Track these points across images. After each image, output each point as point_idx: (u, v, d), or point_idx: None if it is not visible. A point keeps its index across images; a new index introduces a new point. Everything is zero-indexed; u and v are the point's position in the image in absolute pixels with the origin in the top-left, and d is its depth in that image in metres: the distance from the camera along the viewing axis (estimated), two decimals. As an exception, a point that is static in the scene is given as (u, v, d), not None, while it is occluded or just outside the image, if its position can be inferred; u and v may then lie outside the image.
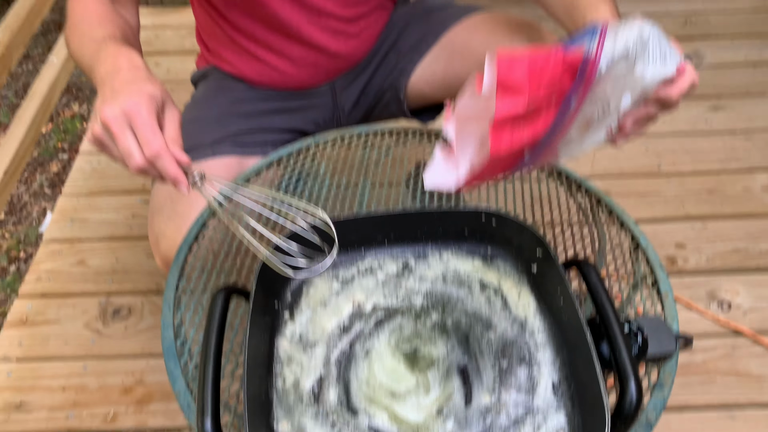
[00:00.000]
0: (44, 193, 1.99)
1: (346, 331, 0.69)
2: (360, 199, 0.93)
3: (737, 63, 1.99)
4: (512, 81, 0.51)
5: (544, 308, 0.69)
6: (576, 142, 0.62)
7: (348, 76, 1.11)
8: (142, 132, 0.65)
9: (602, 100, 0.58)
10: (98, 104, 0.69)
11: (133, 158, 0.65)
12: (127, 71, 0.71)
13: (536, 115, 0.53)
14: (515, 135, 0.53)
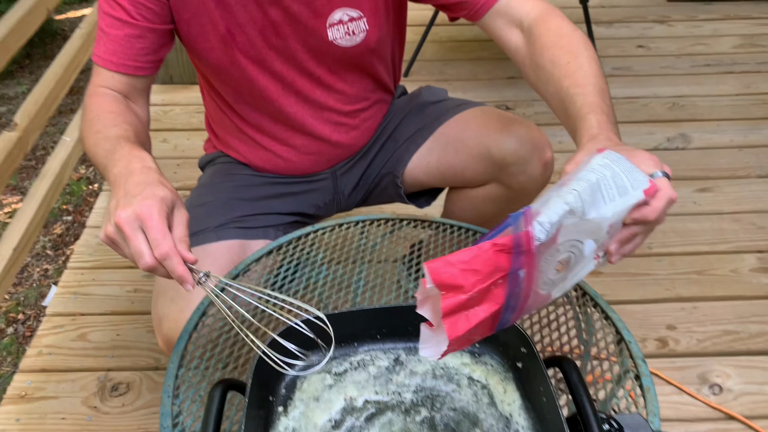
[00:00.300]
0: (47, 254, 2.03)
1: (338, 426, 0.71)
2: (355, 288, 0.97)
3: (723, 145, 2.07)
4: (447, 282, 0.56)
5: (529, 405, 0.72)
6: (563, 279, 0.66)
7: (348, 163, 1.18)
8: (153, 234, 0.69)
9: (572, 244, 0.62)
10: (112, 206, 0.73)
11: (143, 258, 0.69)
12: (139, 173, 0.76)
13: (486, 296, 0.58)
14: (470, 317, 0.58)
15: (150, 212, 0.70)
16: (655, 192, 0.65)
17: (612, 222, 0.63)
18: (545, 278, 0.62)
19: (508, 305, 0.60)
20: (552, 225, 0.58)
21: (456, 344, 0.60)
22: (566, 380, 0.68)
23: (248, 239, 1.06)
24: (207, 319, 0.90)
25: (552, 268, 0.62)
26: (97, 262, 1.69)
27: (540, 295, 0.64)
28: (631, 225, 0.66)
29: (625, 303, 1.54)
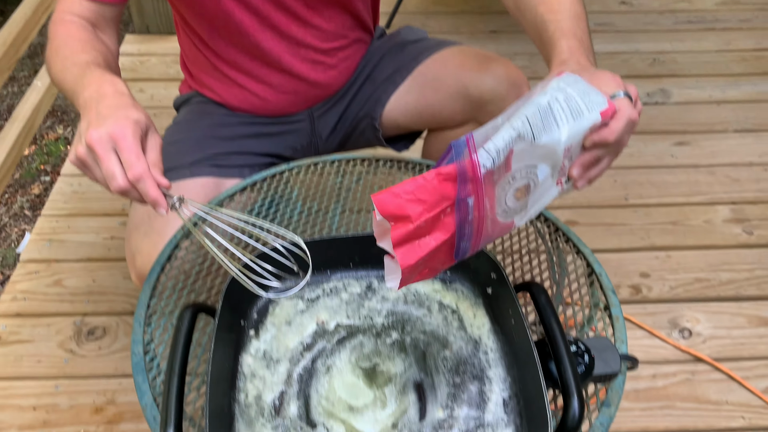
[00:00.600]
0: (24, 215, 2.01)
1: (309, 348, 0.72)
2: (330, 223, 0.97)
3: (702, 101, 2.08)
4: (394, 213, 0.56)
5: (498, 329, 0.73)
6: (524, 207, 0.65)
7: (326, 104, 1.16)
8: (127, 155, 0.68)
9: (528, 171, 0.61)
10: (83, 127, 0.71)
11: (115, 180, 0.68)
12: (111, 97, 0.74)
13: (436, 225, 0.58)
14: (422, 245, 0.58)
15: (124, 133, 0.68)
16: (614, 113, 0.64)
17: (567, 146, 0.62)
18: (504, 206, 0.62)
19: (461, 234, 0.59)
20: (498, 152, 0.56)
21: (413, 273, 0.60)
22: (535, 303, 0.69)
23: (223, 178, 1.05)
24: (180, 251, 0.90)
25: (510, 196, 0.62)
26: (72, 209, 1.67)
27: (501, 223, 0.63)
28: (591, 148, 0.65)
29: (601, 252, 1.56)
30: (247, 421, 0.65)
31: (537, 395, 0.62)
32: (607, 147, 0.65)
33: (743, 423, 1.23)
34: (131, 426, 1.21)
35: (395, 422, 0.65)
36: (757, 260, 1.55)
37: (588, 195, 1.73)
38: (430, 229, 0.57)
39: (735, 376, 1.30)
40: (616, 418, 1.23)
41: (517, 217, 0.65)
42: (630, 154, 1.87)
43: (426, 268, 0.61)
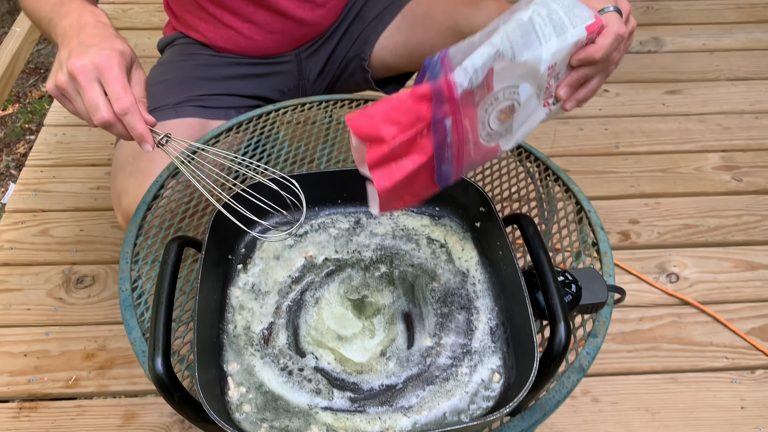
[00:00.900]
0: (10, 173, 1.97)
1: (298, 281, 0.72)
2: (318, 164, 0.96)
3: (695, 49, 2.05)
4: (368, 134, 0.54)
5: (486, 261, 0.73)
6: (509, 130, 0.63)
7: (313, 45, 1.14)
8: (113, 87, 0.66)
9: (511, 91, 0.59)
10: (63, 55, 0.68)
11: (99, 111, 0.66)
12: (93, 27, 0.72)
13: (413, 147, 0.56)
14: (399, 168, 0.56)
15: (110, 63, 0.66)
16: (601, 29, 0.61)
17: (551, 64, 0.59)
18: (488, 129, 0.60)
19: (441, 157, 0.58)
20: (476, 70, 0.54)
21: (393, 198, 0.58)
22: (523, 235, 0.69)
23: (208, 119, 1.04)
24: (166, 191, 0.89)
25: (494, 118, 0.60)
26: (57, 159, 1.65)
27: (485, 147, 0.62)
28: (578, 67, 0.62)
29: (591, 199, 1.55)
30: (236, 350, 0.65)
31: (524, 323, 0.63)
32: (595, 65, 0.63)
33: (726, 363, 1.25)
34: (123, 371, 1.22)
35: (383, 350, 0.65)
36: (746, 206, 1.55)
37: (579, 143, 1.72)
38: (406, 152, 0.56)
39: (720, 319, 1.31)
40: (602, 360, 1.25)
41: (502, 140, 0.63)
42: (621, 102, 1.86)
43: (407, 194, 0.60)
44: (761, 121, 1.80)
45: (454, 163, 0.59)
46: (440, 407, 0.61)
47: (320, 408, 0.61)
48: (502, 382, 0.63)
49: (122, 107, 0.66)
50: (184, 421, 1.14)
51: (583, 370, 0.69)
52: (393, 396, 0.62)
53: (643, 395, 1.20)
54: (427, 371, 0.64)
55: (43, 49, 2.33)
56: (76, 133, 1.73)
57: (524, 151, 0.96)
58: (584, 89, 0.66)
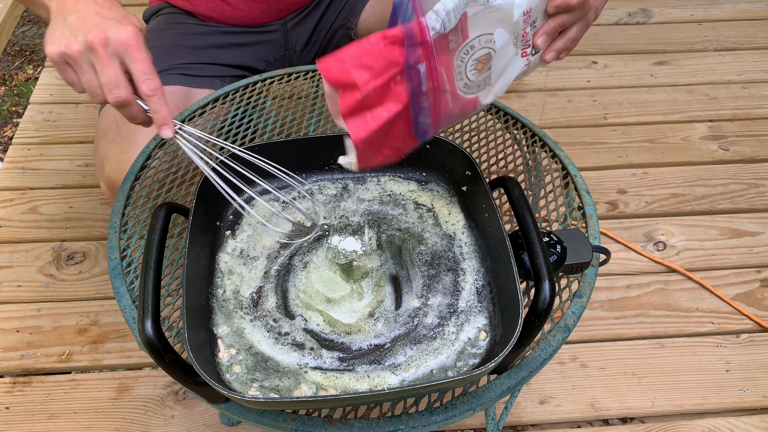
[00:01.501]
0: (0, 157, 1.96)
1: (286, 246, 0.72)
2: (305, 133, 0.96)
3: (683, 20, 2.05)
4: (340, 80, 0.53)
5: (472, 223, 0.74)
6: (488, 82, 0.63)
7: (299, 14, 1.13)
8: (141, 66, 0.62)
9: (487, 39, 0.58)
10: (74, 21, 0.63)
11: (119, 89, 0.62)
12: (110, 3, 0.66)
13: (387, 94, 0.55)
14: (373, 117, 0.55)
15: (138, 41, 0.62)
16: None
17: (525, 9, 0.59)
18: (465, 79, 0.60)
19: (417, 107, 0.57)
20: (448, 12, 0.54)
21: (370, 150, 0.58)
22: (508, 196, 0.69)
23: (192, 87, 1.03)
24: (153, 161, 0.89)
25: (470, 67, 0.60)
26: (44, 137, 1.64)
27: (463, 98, 0.61)
28: (555, 14, 0.62)
29: (579, 170, 1.56)
30: (225, 314, 0.66)
31: (509, 283, 0.64)
32: (573, 12, 0.63)
33: (712, 328, 1.27)
34: (116, 345, 1.23)
35: (372, 312, 0.66)
36: (732, 175, 1.57)
37: (567, 114, 1.73)
38: (380, 100, 0.55)
39: (706, 285, 1.33)
40: (591, 327, 1.27)
41: (481, 93, 0.63)
42: (610, 74, 1.86)
43: (385, 147, 0.59)
44: (748, 90, 1.81)
45: (431, 115, 0.58)
46: (428, 365, 0.62)
47: (310, 367, 0.61)
48: (489, 340, 0.64)
49: (152, 88, 0.63)
50: (178, 393, 1.15)
51: (568, 329, 0.71)
52: (381, 355, 0.63)
53: (631, 360, 1.22)
54: (415, 331, 0.64)
55: (28, 30, 2.30)
56: (62, 110, 1.72)
57: (511, 118, 0.97)
58: (563, 39, 0.65)
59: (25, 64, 2.20)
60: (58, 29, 0.64)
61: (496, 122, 0.97)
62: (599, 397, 1.16)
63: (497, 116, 0.97)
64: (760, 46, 1.96)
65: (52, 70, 1.87)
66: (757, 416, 1.14)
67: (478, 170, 0.73)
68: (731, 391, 1.17)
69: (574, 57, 1.91)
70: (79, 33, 0.62)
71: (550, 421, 1.13)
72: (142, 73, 0.62)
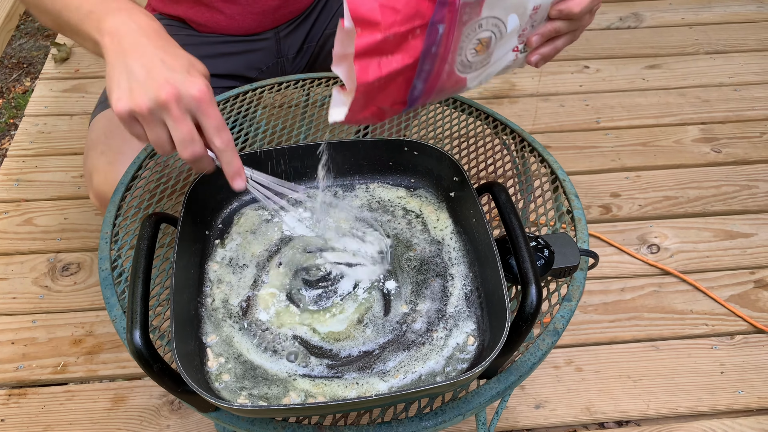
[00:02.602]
0: (-3, 169, 1.96)
1: (275, 255, 0.73)
2: (296, 141, 0.96)
3: (675, 24, 2.07)
4: (364, 15, 0.53)
5: (460, 229, 0.74)
6: (481, 65, 0.65)
7: (292, 23, 1.14)
8: (214, 122, 0.61)
9: (494, 23, 0.61)
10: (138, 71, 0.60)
11: (194, 146, 0.61)
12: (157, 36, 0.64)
13: (402, 45, 0.55)
14: (383, 64, 0.55)
15: (209, 97, 0.60)
16: None
17: (537, 4, 0.62)
18: (463, 57, 0.61)
19: (421, 67, 0.57)
20: None
21: (365, 101, 0.57)
22: (495, 201, 0.70)
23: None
24: (144, 171, 0.89)
25: (471, 47, 0.61)
26: (39, 149, 1.65)
27: (456, 76, 0.62)
28: (555, 19, 0.65)
29: (572, 174, 1.58)
30: (214, 323, 0.66)
31: (497, 288, 0.64)
32: (570, 21, 0.66)
33: (707, 330, 1.27)
34: (111, 355, 1.23)
35: (360, 318, 0.66)
36: (725, 177, 1.58)
37: (560, 119, 1.74)
38: (395, 48, 0.55)
39: (700, 287, 1.34)
40: (585, 330, 1.27)
41: (470, 75, 0.64)
42: (602, 78, 1.87)
43: (376, 102, 0.58)
44: (740, 93, 1.82)
45: (428, 81, 0.58)
46: (416, 371, 0.62)
47: (298, 375, 0.62)
48: (477, 345, 0.64)
49: (225, 142, 0.62)
50: (173, 403, 1.15)
51: (557, 333, 0.71)
52: (370, 361, 0.63)
53: (625, 363, 1.22)
54: (404, 336, 0.65)
55: (26, 43, 2.31)
56: (57, 122, 1.73)
57: (500, 123, 0.97)
58: (550, 45, 0.68)
59: (22, 77, 2.21)
60: (122, 81, 0.61)
61: (485, 128, 0.98)
62: (594, 401, 1.16)
63: (486, 122, 0.98)
64: (750, 49, 1.97)
65: (47, 83, 1.88)
66: (752, 417, 1.14)
67: (466, 176, 0.73)
68: (726, 393, 1.18)
69: (566, 62, 1.92)
70: (149, 89, 0.59)
71: (545, 425, 1.14)
72: (215, 129, 0.61)
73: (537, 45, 0.67)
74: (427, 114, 1.01)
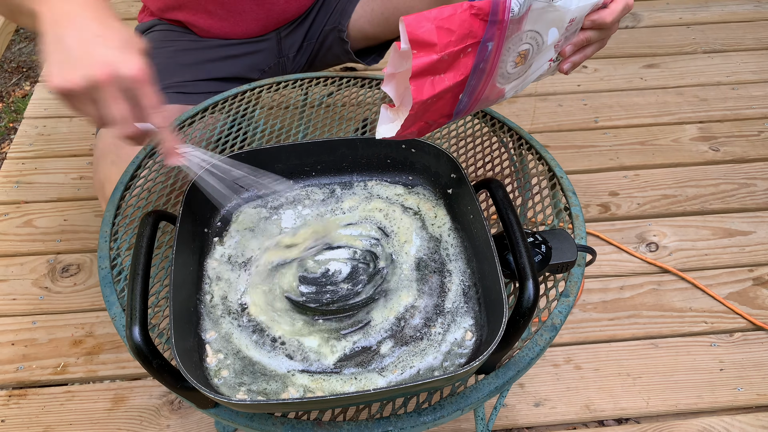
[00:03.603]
0: (-4, 173, 1.97)
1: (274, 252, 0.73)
2: (294, 140, 0.96)
3: (672, 23, 2.07)
4: (421, 37, 0.55)
5: (458, 225, 0.74)
6: (518, 76, 0.67)
7: (292, 24, 1.15)
8: (150, 101, 0.60)
9: (532, 36, 0.63)
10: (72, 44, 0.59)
11: (127, 126, 0.61)
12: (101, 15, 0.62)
13: (454, 63, 0.58)
14: (436, 82, 0.58)
15: (146, 76, 0.59)
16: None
17: (573, 17, 0.64)
18: (504, 69, 0.63)
19: (470, 82, 0.60)
20: (525, 0, 0.58)
21: (416, 116, 0.59)
22: (492, 197, 0.70)
23: (187, 104, 1.04)
24: (143, 171, 0.90)
25: (512, 59, 0.63)
26: (38, 151, 1.65)
27: (496, 88, 0.65)
28: (587, 29, 0.69)
29: (570, 173, 1.58)
30: (213, 319, 0.66)
31: (494, 283, 0.64)
32: (601, 30, 0.69)
33: (705, 327, 1.27)
34: (111, 356, 1.23)
35: (358, 314, 0.66)
36: (723, 175, 1.58)
37: (558, 119, 1.74)
38: (448, 67, 0.57)
39: (699, 285, 1.34)
40: (584, 328, 1.27)
41: (509, 86, 0.66)
42: (600, 77, 1.88)
43: (424, 118, 0.60)
44: (738, 91, 1.82)
45: (474, 95, 0.61)
46: (414, 366, 0.62)
47: (297, 371, 0.62)
48: (475, 340, 0.64)
49: (162, 121, 0.62)
50: (173, 402, 1.15)
51: (555, 329, 0.71)
52: (368, 357, 0.63)
53: (625, 361, 1.22)
54: (402, 332, 0.65)
55: (25, 47, 2.31)
56: (56, 124, 1.73)
57: (498, 122, 0.98)
58: (581, 53, 0.72)
59: (22, 81, 2.22)
60: (57, 54, 0.59)
61: (483, 126, 0.98)
62: (594, 399, 1.16)
63: (484, 120, 0.98)
64: (748, 48, 1.97)
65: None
66: (752, 414, 1.14)
67: (463, 173, 0.74)
68: (725, 390, 1.18)
69: (565, 62, 1.92)
70: (83, 67, 0.57)
71: (545, 423, 1.14)
72: (151, 107, 0.61)
73: (570, 54, 0.70)
74: (425, 113, 1.01)
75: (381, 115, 0.62)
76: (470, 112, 0.66)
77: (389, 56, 0.60)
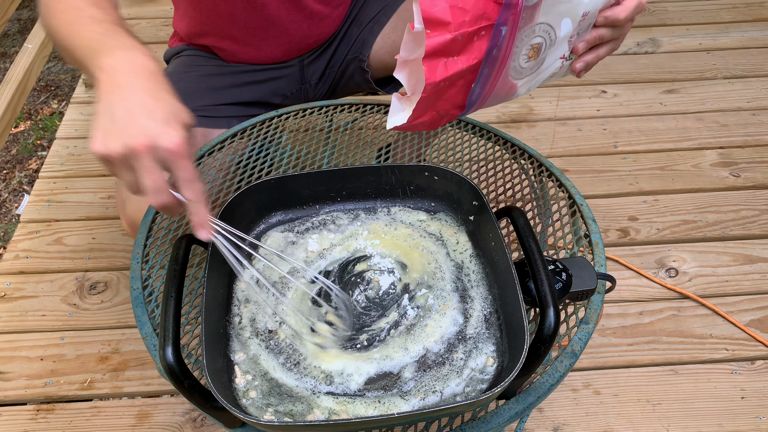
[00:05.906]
0: (23, 189, 2.03)
1: (302, 276, 0.75)
2: (319, 165, 0.99)
3: (692, 49, 2.08)
4: (435, 16, 0.56)
5: (479, 252, 0.76)
6: (531, 72, 0.67)
7: (315, 52, 1.18)
8: (185, 174, 0.61)
9: (545, 29, 0.63)
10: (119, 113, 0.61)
11: (161, 196, 0.61)
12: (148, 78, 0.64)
13: (468, 46, 0.58)
14: (449, 65, 0.58)
15: (183, 151, 0.60)
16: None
17: (586, 11, 0.64)
18: (517, 63, 0.64)
19: (483, 70, 0.60)
20: None
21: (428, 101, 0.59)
22: (514, 225, 0.72)
23: (210, 128, 1.08)
24: (174, 195, 0.93)
25: (524, 52, 0.64)
26: (69, 171, 1.70)
27: (509, 81, 0.65)
28: (600, 27, 0.69)
29: (590, 198, 1.59)
30: (242, 341, 0.68)
31: (515, 310, 0.66)
32: (614, 27, 0.69)
33: (726, 355, 1.27)
34: (136, 372, 1.26)
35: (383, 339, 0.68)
36: (744, 201, 1.58)
37: (578, 143, 1.75)
38: (461, 49, 0.58)
39: (719, 311, 1.34)
40: (603, 354, 1.28)
41: (521, 81, 0.66)
42: (620, 102, 1.89)
43: (436, 107, 0.60)
44: (759, 117, 1.82)
45: (486, 85, 0.61)
46: (437, 391, 0.64)
47: (322, 393, 0.64)
48: (496, 366, 0.66)
49: (195, 195, 0.62)
50: (196, 420, 1.17)
51: (575, 355, 0.72)
52: (391, 381, 0.65)
53: (644, 387, 1.22)
54: (424, 357, 0.67)
55: (54, 66, 2.39)
56: (87, 145, 1.78)
57: (518, 149, 0.99)
58: (593, 53, 0.71)
59: (50, 99, 2.29)
60: (103, 121, 0.61)
61: (504, 152, 1.00)
62: (613, 425, 1.16)
63: (504, 147, 1.00)
64: (769, 74, 1.98)
65: (78, 106, 1.95)
66: (774, 444, 1.14)
67: (485, 200, 0.75)
68: (747, 419, 1.17)
69: (584, 86, 1.94)
70: (123, 135, 0.59)
71: (563, 448, 1.14)
72: (186, 181, 0.61)
73: (582, 52, 0.70)
74: (446, 138, 1.03)
75: (392, 105, 0.62)
76: (482, 106, 0.65)
77: (402, 40, 0.60)
